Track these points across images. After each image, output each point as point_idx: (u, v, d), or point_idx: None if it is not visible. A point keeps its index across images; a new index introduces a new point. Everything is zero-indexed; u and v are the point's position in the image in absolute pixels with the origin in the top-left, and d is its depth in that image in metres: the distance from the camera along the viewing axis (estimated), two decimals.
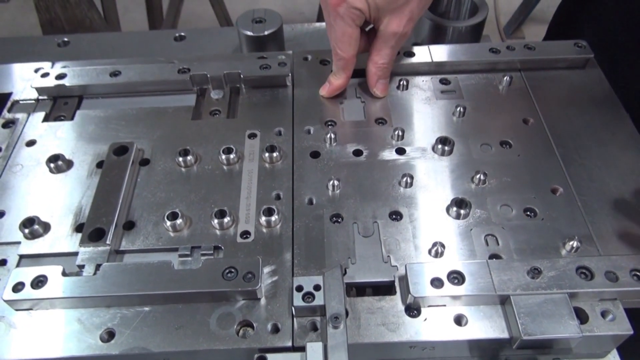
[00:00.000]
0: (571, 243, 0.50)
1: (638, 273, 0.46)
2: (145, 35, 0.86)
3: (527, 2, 2.64)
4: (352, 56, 0.62)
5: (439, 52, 0.68)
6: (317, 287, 0.46)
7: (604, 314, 0.46)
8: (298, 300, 0.45)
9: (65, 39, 0.83)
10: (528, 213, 0.54)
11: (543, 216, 0.53)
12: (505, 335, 0.45)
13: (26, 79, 0.69)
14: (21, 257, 0.52)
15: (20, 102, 0.67)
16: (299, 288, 0.46)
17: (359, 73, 0.69)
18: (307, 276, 0.47)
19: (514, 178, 0.57)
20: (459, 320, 0.46)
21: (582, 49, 0.68)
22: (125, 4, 2.65)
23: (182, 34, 0.84)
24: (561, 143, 0.60)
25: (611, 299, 0.46)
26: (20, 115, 0.65)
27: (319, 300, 0.45)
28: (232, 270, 0.47)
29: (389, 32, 0.61)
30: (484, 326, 0.46)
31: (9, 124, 0.64)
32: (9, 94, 0.68)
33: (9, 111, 0.66)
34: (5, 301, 0.46)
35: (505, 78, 0.66)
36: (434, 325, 0.46)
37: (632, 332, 0.45)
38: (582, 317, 0.45)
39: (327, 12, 0.61)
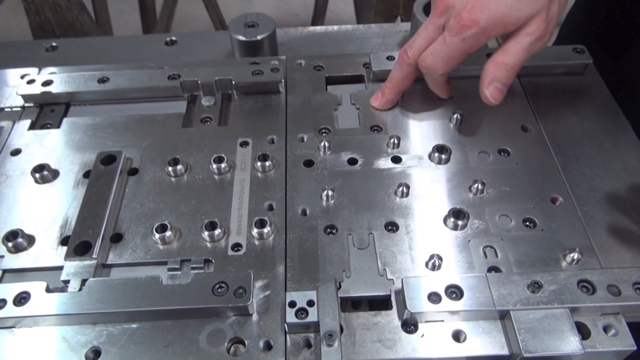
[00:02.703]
0: (572, 255, 0.49)
1: None
2: (135, 39, 0.84)
3: None
4: (441, 74, 0.58)
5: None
6: (310, 303, 0.45)
7: (606, 329, 0.44)
8: (291, 317, 0.44)
9: (54, 44, 0.81)
10: (527, 223, 0.52)
11: (543, 227, 0.52)
12: (505, 351, 0.44)
13: (11, 86, 0.68)
14: (4, 271, 0.50)
15: (5, 109, 0.65)
16: (292, 304, 0.45)
17: (354, 79, 0.68)
18: (301, 291, 0.46)
19: (512, 187, 0.55)
20: (457, 336, 0.45)
21: (581, 54, 0.67)
22: (119, 6, 2.62)
23: (174, 38, 0.82)
24: (560, 151, 0.59)
25: (613, 314, 0.45)
26: (5, 123, 0.63)
27: (312, 316, 0.44)
28: (223, 285, 0.46)
29: (525, 32, 0.52)
30: (483, 342, 0.44)
31: None
32: None
33: None
34: None
35: None
36: (431, 342, 0.44)
37: (635, 347, 0.43)
38: (583, 332, 0.44)
39: (438, 21, 0.55)
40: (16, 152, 0.60)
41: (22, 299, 0.45)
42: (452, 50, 0.54)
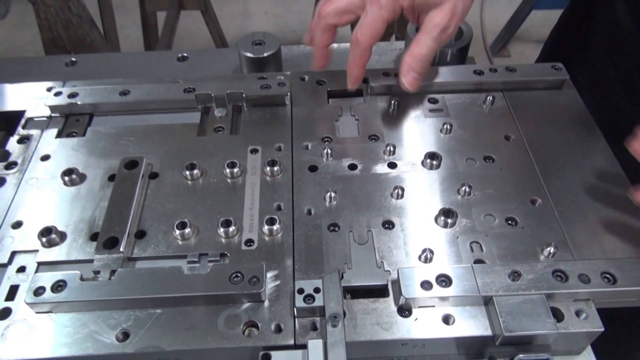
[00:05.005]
0: (548, 249, 0.55)
1: (608, 276, 0.51)
2: (149, 55, 0.91)
3: (512, 22, 2.73)
4: (370, 46, 0.63)
5: (428, 74, 0.73)
6: (317, 290, 0.50)
7: (578, 313, 0.50)
8: (299, 302, 0.49)
9: (73, 59, 0.87)
10: (509, 222, 0.58)
11: (523, 225, 0.58)
12: (488, 332, 0.49)
13: (38, 97, 0.73)
14: (39, 264, 0.55)
15: (34, 119, 0.71)
16: (300, 290, 0.50)
17: (353, 93, 0.74)
18: (308, 280, 0.51)
19: (496, 190, 0.61)
20: (446, 319, 0.50)
21: (558, 71, 0.73)
22: (120, 21, 2.70)
23: (185, 54, 0.88)
24: (540, 158, 0.65)
25: (584, 300, 0.51)
26: (34, 132, 0.69)
27: (318, 301, 0.49)
28: (238, 274, 0.51)
29: (432, 23, 0.61)
30: (470, 325, 0.50)
31: (24, 139, 0.68)
32: (23, 112, 0.72)
33: (23, 128, 0.70)
34: (27, 304, 0.50)
35: (488, 98, 0.71)
36: (424, 325, 0.50)
37: (603, 329, 0.49)
38: (558, 315, 0.50)
39: None
40: (45, 157, 0.66)
41: (58, 286, 0.51)
42: (374, 20, 0.61)
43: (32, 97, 0.73)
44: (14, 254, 0.56)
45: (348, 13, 0.64)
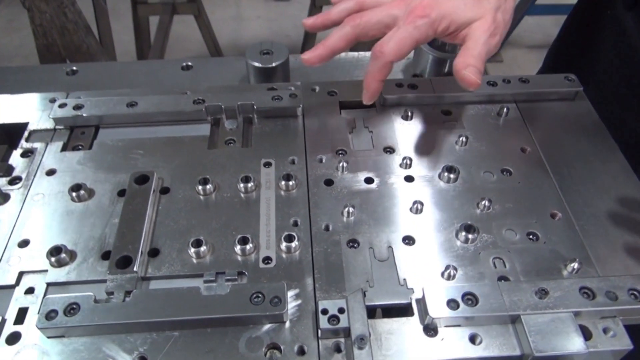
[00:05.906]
0: (572, 265, 0.54)
1: (635, 292, 0.50)
2: (153, 64, 0.89)
3: None
4: (392, 62, 0.60)
5: (440, 84, 0.73)
6: (341, 310, 0.49)
7: (605, 331, 0.49)
8: (324, 323, 0.48)
9: (74, 68, 0.85)
10: (531, 237, 0.57)
11: (545, 239, 0.57)
12: (517, 352, 0.48)
13: (41, 109, 0.71)
14: (49, 284, 0.53)
15: (38, 131, 0.68)
16: (324, 311, 0.49)
17: (366, 105, 0.73)
18: (331, 300, 0.50)
19: (515, 204, 0.61)
20: (473, 339, 0.49)
21: (572, 82, 0.73)
22: (113, 26, 2.67)
23: (190, 63, 0.86)
24: (557, 170, 0.64)
25: (611, 317, 0.50)
26: (38, 145, 0.67)
27: (343, 322, 0.48)
28: (259, 295, 0.50)
29: (479, 31, 0.59)
30: (497, 344, 0.49)
31: (28, 153, 0.66)
32: (26, 124, 0.69)
33: (26, 140, 0.67)
34: (38, 329, 0.48)
35: (503, 109, 0.71)
36: (450, 345, 0.49)
37: (632, 347, 0.48)
38: (586, 334, 0.49)
39: (393, 9, 0.61)
40: (51, 172, 0.63)
41: (71, 309, 0.49)
42: (405, 37, 0.59)
43: (35, 109, 0.71)
44: (21, 274, 0.54)
45: (376, 30, 0.62)
